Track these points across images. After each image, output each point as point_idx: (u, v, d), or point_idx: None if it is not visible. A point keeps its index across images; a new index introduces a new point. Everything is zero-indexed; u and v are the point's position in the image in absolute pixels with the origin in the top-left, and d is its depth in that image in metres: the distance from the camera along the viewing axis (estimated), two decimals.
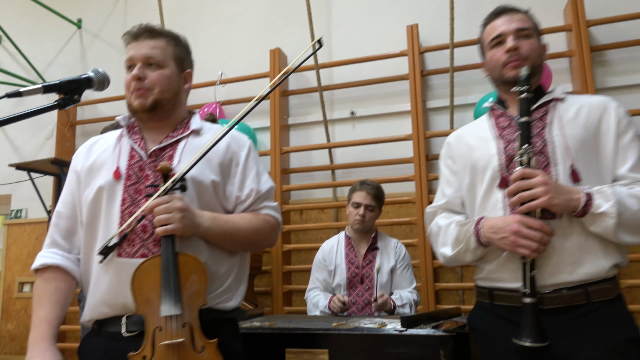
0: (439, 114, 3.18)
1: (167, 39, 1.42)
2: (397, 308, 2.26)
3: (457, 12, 3.02)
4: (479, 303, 1.43)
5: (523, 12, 1.45)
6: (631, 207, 1.22)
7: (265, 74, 3.44)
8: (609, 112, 1.34)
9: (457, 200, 1.47)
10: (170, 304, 1.18)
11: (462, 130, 1.56)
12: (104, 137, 1.46)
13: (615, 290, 1.27)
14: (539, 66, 1.41)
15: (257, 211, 1.41)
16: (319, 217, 3.35)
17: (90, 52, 4.22)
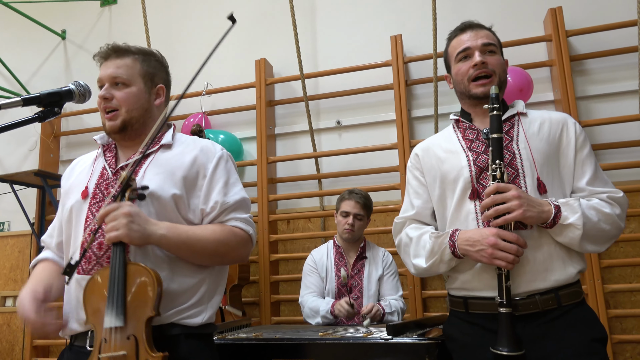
0: (423, 123, 3.21)
1: (134, 57, 1.42)
2: (386, 315, 2.27)
3: (440, 23, 3.06)
4: (453, 312, 1.45)
5: (487, 29, 1.50)
6: (592, 218, 1.29)
7: (251, 84, 3.45)
8: (568, 128, 1.42)
9: (427, 211, 1.50)
10: (112, 315, 1.16)
11: (428, 141, 1.58)
12: (85, 157, 1.50)
13: (581, 294, 1.35)
14: (504, 81, 1.47)
15: (223, 223, 1.36)
16: (306, 227, 3.35)
17: (74, 63, 4.19)
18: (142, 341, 1.16)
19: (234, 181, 1.41)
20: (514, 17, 3.13)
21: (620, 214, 1.34)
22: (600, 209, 1.32)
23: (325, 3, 3.56)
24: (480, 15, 3.13)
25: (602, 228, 1.31)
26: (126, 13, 4.08)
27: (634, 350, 2.67)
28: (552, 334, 1.28)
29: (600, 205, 1.33)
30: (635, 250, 2.74)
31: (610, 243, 1.36)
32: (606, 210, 1.32)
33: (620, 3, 2.91)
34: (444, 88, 3.13)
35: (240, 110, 3.50)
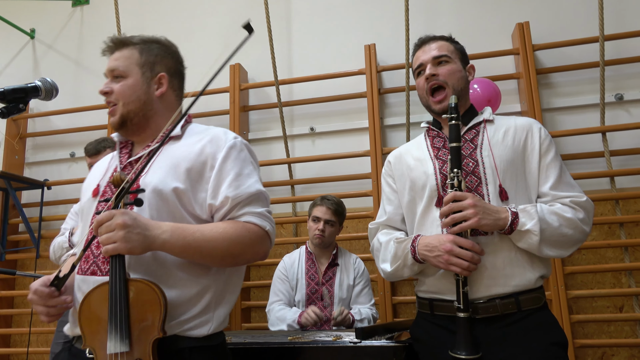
0: (395, 131, 3.26)
1: (133, 47, 1.35)
2: (356, 322, 2.27)
3: (413, 33, 3.12)
4: (420, 314, 1.50)
5: (443, 40, 1.54)
6: (552, 223, 1.32)
7: (225, 89, 3.44)
8: (533, 134, 1.45)
9: (397, 217, 1.55)
10: (116, 341, 1.06)
11: (401, 149, 1.63)
12: (107, 157, 1.46)
13: (542, 299, 1.37)
14: (462, 88, 1.50)
15: (236, 218, 1.24)
16: (279, 232, 3.34)
17: (43, 63, 4.10)
18: None
19: (248, 172, 1.28)
20: (483, 30, 3.23)
21: (583, 218, 1.36)
22: (561, 214, 1.34)
23: (301, 11, 3.59)
24: (451, 27, 3.25)
25: (564, 233, 1.33)
26: (98, 14, 4.02)
27: (595, 355, 2.75)
28: (511, 337, 1.31)
29: (562, 210, 1.35)
30: (597, 257, 2.84)
31: (575, 247, 1.38)
32: (568, 215, 1.34)
33: (584, 20, 3.03)
34: (416, 97, 3.17)
35: (214, 114, 3.48)
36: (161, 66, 1.37)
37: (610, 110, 2.94)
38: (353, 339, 1.52)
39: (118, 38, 1.36)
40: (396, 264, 1.44)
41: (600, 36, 2.85)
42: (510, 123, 1.49)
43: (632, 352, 2.73)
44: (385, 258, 1.49)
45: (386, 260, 1.48)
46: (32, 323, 3.37)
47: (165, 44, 1.42)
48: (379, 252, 1.54)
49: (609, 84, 2.91)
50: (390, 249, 1.47)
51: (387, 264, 1.48)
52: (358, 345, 1.49)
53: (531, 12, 3.14)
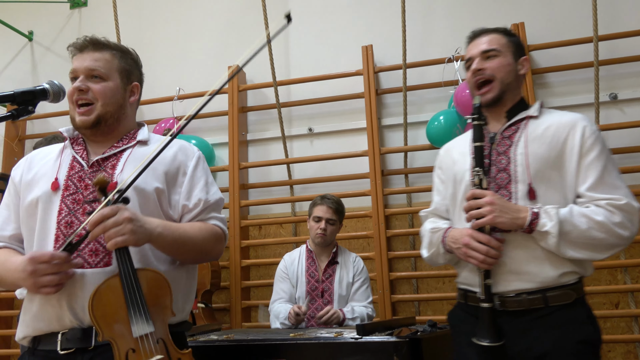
0: (393, 131, 3.29)
1: (112, 52, 1.40)
2: (347, 320, 2.29)
3: (410, 34, 3.16)
4: (457, 303, 1.56)
5: (496, 32, 1.54)
6: (579, 226, 1.31)
7: (223, 90, 3.46)
8: (575, 131, 1.40)
9: (443, 207, 1.62)
10: (142, 323, 1.14)
11: (451, 143, 1.69)
12: (45, 150, 1.43)
13: (573, 296, 1.36)
14: (510, 82, 1.49)
15: (204, 221, 1.40)
16: (278, 232, 3.37)
17: (41, 66, 4.11)
18: (170, 342, 1.19)
19: (211, 181, 1.45)
20: None
21: (620, 222, 1.32)
22: (592, 217, 1.32)
23: (298, 12, 3.61)
24: (448, 29, 3.29)
25: (593, 236, 1.32)
26: (96, 16, 4.03)
27: None
28: (537, 331, 1.34)
29: (594, 212, 1.33)
30: None
31: (611, 251, 1.35)
32: (599, 218, 1.32)
33: (578, 21, 3.07)
34: (413, 97, 3.23)
35: (213, 115, 3.50)
36: (134, 76, 1.47)
37: (604, 109, 2.97)
38: (354, 335, 1.55)
39: (98, 40, 1.40)
40: (431, 251, 1.56)
41: (594, 36, 2.89)
42: (554, 119, 1.45)
43: (628, 348, 2.77)
44: (425, 244, 1.60)
45: (425, 247, 1.60)
46: None
47: (135, 57, 1.50)
48: (423, 239, 1.63)
49: (603, 83, 2.94)
50: (429, 236, 1.57)
51: (425, 250, 1.59)
52: (359, 341, 1.52)
53: (526, 12, 3.18)
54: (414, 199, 3.18)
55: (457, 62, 3.06)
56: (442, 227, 1.54)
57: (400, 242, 3.16)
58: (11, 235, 1.35)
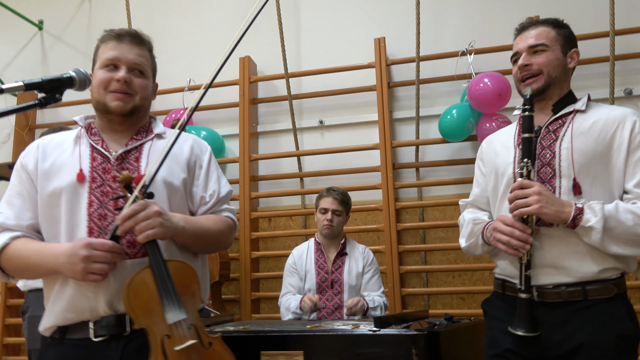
0: (405, 125, 3.27)
1: (148, 50, 1.45)
2: (370, 310, 2.32)
3: (423, 27, 3.13)
4: (494, 292, 1.58)
5: (545, 25, 1.51)
6: (625, 222, 1.30)
7: (234, 81, 3.45)
8: (624, 126, 1.38)
9: (483, 199, 1.63)
10: (175, 311, 1.20)
11: (494, 135, 1.68)
12: (56, 138, 1.42)
13: (613, 290, 1.35)
14: (557, 77, 1.47)
15: (217, 213, 1.47)
16: (288, 225, 3.37)
17: (51, 55, 4.10)
18: (201, 328, 1.26)
19: (221, 174, 1.53)
20: (492, 24, 3.23)
21: None
22: (638, 213, 1.31)
23: (310, 4, 3.60)
24: (461, 21, 3.26)
25: (639, 232, 1.31)
26: (107, 6, 4.01)
27: None
28: (575, 323, 1.34)
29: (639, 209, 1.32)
30: None
31: None
32: None
33: (595, 15, 3.03)
34: (425, 91, 3.21)
35: (223, 107, 3.50)
36: (155, 75, 1.52)
37: (619, 104, 2.93)
38: (372, 328, 1.55)
39: (140, 34, 1.43)
40: (470, 241, 1.57)
41: (610, 31, 2.86)
42: (602, 113, 1.43)
43: None
44: (464, 234, 1.60)
45: (464, 236, 1.60)
46: None
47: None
48: (461, 228, 1.65)
49: (618, 78, 2.91)
50: (469, 227, 1.58)
51: (464, 240, 1.60)
52: (377, 334, 1.52)
53: (541, 6, 3.14)
54: (425, 193, 3.17)
55: (470, 56, 3.03)
56: (484, 220, 1.55)
57: (410, 236, 3.15)
58: (29, 224, 1.33)
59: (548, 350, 1.36)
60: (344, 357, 1.52)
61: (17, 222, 1.32)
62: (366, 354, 1.49)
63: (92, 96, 1.39)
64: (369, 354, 1.49)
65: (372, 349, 1.49)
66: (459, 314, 2.37)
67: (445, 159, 3.12)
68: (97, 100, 1.37)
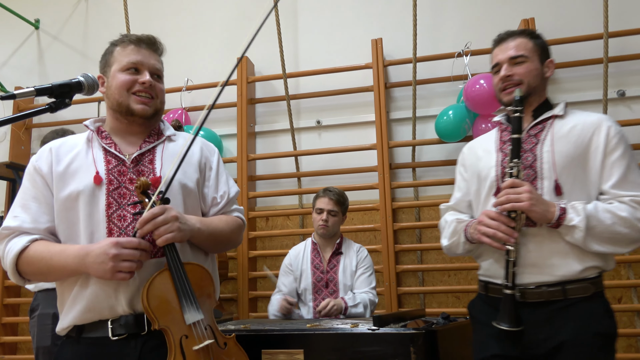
0: (402, 125, 3.30)
1: (161, 56, 1.51)
2: (350, 308, 2.33)
3: (420, 28, 3.16)
4: (478, 294, 1.62)
5: (522, 36, 1.57)
6: (604, 221, 1.37)
7: (232, 81, 3.46)
8: (600, 131, 1.46)
9: (464, 203, 1.68)
10: (193, 311, 1.24)
11: (475, 141, 1.74)
12: (67, 141, 1.44)
13: (592, 289, 1.42)
14: (537, 86, 1.54)
15: (228, 213, 1.51)
16: (285, 224, 3.39)
17: (48, 54, 4.09)
18: (216, 328, 1.31)
19: (229, 175, 1.57)
20: (489, 26, 3.25)
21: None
22: (616, 212, 1.38)
23: (308, 5, 3.61)
24: (458, 23, 3.29)
25: (617, 231, 1.37)
26: (103, 5, 4.00)
27: None
28: (556, 322, 1.40)
29: (618, 208, 1.39)
30: None
31: (632, 246, 1.42)
32: (623, 213, 1.37)
33: (589, 17, 3.07)
34: (422, 92, 3.24)
35: (221, 107, 3.51)
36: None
37: (612, 106, 2.99)
38: (371, 326, 1.58)
39: (158, 43, 1.49)
40: (452, 240, 1.62)
41: (604, 33, 2.90)
42: (579, 119, 1.51)
43: (629, 342, 2.82)
44: (446, 234, 1.65)
45: (446, 237, 1.65)
46: None
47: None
48: (442, 229, 1.70)
49: (611, 80, 2.95)
50: (451, 227, 1.63)
51: (446, 239, 1.65)
52: (376, 332, 1.54)
53: (536, 8, 3.18)
54: (421, 193, 3.20)
55: (466, 57, 3.07)
56: (467, 219, 1.60)
57: (406, 235, 3.19)
58: (46, 227, 1.34)
59: (532, 349, 1.41)
60: (344, 356, 1.55)
61: (35, 226, 1.32)
62: (365, 352, 1.52)
63: (112, 97, 1.41)
64: (368, 352, 1.52)
65: (372, 347, 1.52)
66: (454, 313, 2.40)
67: (441, 160, 3.15)
68: (118, 102, 1.39)
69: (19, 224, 1.31)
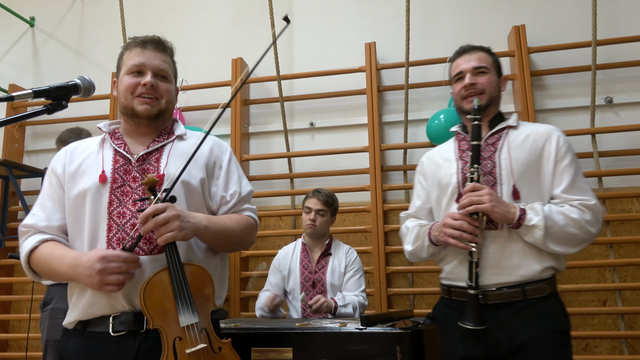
0: (394, 128, 3.35)
1: (170, 55, 1.51)
2: (339, 308, 2.37)
3: (413, 33, 3.21)
4: (441, 298, 1.67)
5: (483, 51, 1.67)
6: (558, 222, 1.46)
7: (227, 82, 3.49)
8: (551, 140, 1.58)
9: (424, 211, 1.74)
10: (188, 314, 1.25)
11: (433, 151, 1.80)
12: (83, 143, 1.50)
13: (548, 289, 1.51)
14: (495, 97, 1.64)
15: (239, 212, 1.51)
16: (277, 224, 3.42)
17: (43, 52, 4.10)
18: (212, 332, 1.29)
19: (242, 174, 1.56)
20: (481, 32, 3.32)
21: (590, 220, 1.49)
22: (568, 214, 1.47)
23: (303, 8, 3.65)
24: (450, 28, 3.34)
25: (569, 231, 1.47)
26: (99, 4, 4.02)
27: (579, 346, 2.89)
28: (517, 322, 1.47)
29: (569, 211, 1.48)
30: (583, 253, 2.94)
31: (581, 245, 1.52)
32: (574, 215, 1.47)
33: (578, 25, 3.13)
34: (415, 95, 3.29)
35: (215, 107, 3.53)
36: (176, 79, 1.56)
37: (600, 112, 3.05)
38: (358, 326, 1.61)
39: (165, 43, 1.50)
40: (416, 244, 1.66)
41: (592, 41, 2.96)
42: (532, 129, 1.63)
43: (613, 344, 2.87)
44: (409, 240, 1.70)
45: (409, 242, 1.70)
46: (31, 309, 3.41)
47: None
48: (405, 236, 1.75)
49: (599, 87, 3.02)
50: (414, 232, 1.68)
51: (409, 245, 1.69)
52: (363, 332, 1.58)
53: (527, 15, 3.24)
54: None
55: None
56: (429, 224, 1.66)
57: (397, 237, 3.22)
58: (58, 225, 1.40)
59: (496, 349, 1.48)
60: (332, 354, 1.59)
61: (48, 224, 1.39)
62: (353, 351, 1.56)
63: (119, 101, 1.46)
64: (356, 351, 1.56)
65: (359, 346, 1.56)
66: None
67: None
68: (124, 105, 1.44)
69: (34, 221, 1.39)
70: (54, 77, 3.98)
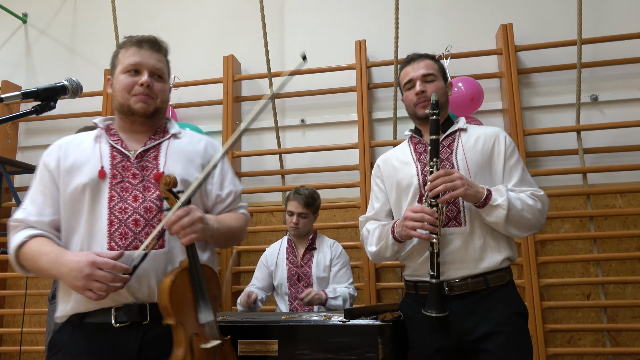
0: (383, 125, 3.39)
1: (165, 55, 1.54)
2: (329, 300, 2.42)
3: (402, 31, 3.25)
4: (407, 294, 1.74)
5: (429, 58, 1.74)
6: (516, 206, 1.55)
7: (218, 79, 3.52)
8: (499, 141, 1.70)
9: (383, 213, 1.80)
10: (206, 311, 1.32)
11: (387, 154, 1.85)
12: (76, 138, 1.50)
13: (507, 277, 1.62)
14: (444, 102, 1.71)
15: (234, 210, 1.58)
16: (269, 220, 3.47)
17: (36, 49, 4.11)
18: (218, 330, 1.37)
19: (234, 173, 1.63)
20: (468, 30, 3.36)
21: (540, 209, 1.61)
22: (524, 200, 1.59)
23: (294, 6, 3.68)
24: (438, 27, 3.39)
25: (524, 216, 1.57)
26: (92, 2, 4.03)
27: (563, 339, 2.96)
28: (480, 309, 1.56)
29: (525, 198, 1.60)
30: (568, 248, 3.03)
31: (531, 232, 1.65)
32: (529, 202, 1.59)
33: (564, 24, 3.18)
34: None
35: (207, 104, 3.57)
36: (169, 78, 1.59)
37: (585, 110, 3.11)
38: (342, 319, 1.66)
39: (160, 43, 1.53)
40: (380, 245, 1.71)
41: (578, 39, 3.01)
42: (480, 132, 1.73)
43: (597, 337, 2.94)
44: (372, 241, 1.74)
45: (372, 243, 1.74)
46: (25, 304, 3.45)
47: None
48: (366, 239, 1.79)
49: (585, 85, 3.07)
50: (376, 233, 1.73)
51: (373, 246, 1.73)
52: (346, 324, 1.63)
53: (515, 14, 3.28)
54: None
55: (446, 60, 3.16)
56: (390, 223, 1.71)
57: None
58: (50, 221, 1.39)
59: (464, 336, 1.55)
60: (316, 346, 1.64)
61: (39, 218, 1.38)
62: (336, 342, 1.61)
63: (115, 99, 1.48)
64: (339, 342, 1.61)
65: (342, 338, 1.61)
66: None
67: None
68: (120, 103, 1.46)
69: (24, 216, 1.39)
70: (46, 74, 4.00)
